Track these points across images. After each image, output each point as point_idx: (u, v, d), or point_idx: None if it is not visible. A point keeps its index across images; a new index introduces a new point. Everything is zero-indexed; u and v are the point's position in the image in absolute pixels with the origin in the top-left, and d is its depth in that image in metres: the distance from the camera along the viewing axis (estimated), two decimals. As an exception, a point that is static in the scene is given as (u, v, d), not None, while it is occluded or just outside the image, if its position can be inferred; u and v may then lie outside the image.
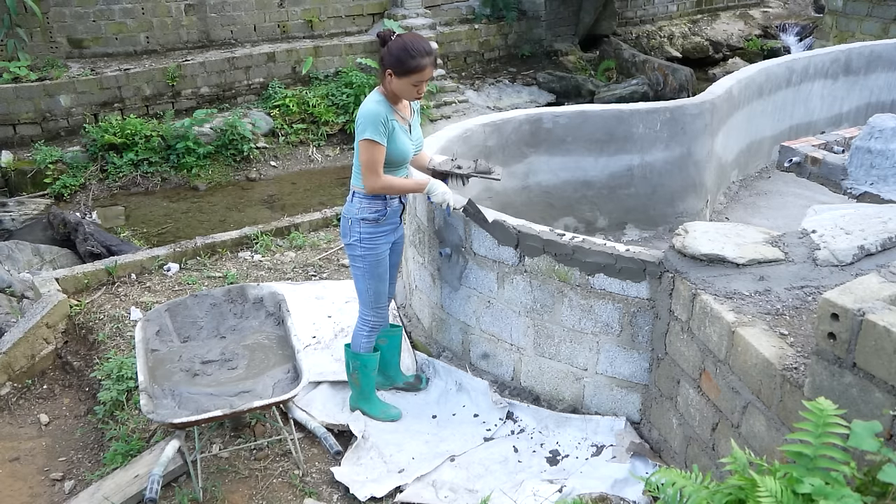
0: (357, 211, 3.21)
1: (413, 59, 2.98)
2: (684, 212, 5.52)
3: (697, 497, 1.62)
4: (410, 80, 3.02)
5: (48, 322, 4.47)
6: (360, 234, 3.24)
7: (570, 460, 3.32)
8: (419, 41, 3.03)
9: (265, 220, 7.63)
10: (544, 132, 5.20)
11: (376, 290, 3.38)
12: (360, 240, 3.25)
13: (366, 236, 3.24)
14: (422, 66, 3.00)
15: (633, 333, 3.23)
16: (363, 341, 3.48)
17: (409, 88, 3.06)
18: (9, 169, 8.86)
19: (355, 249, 3.28)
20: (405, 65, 2.98)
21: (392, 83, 3.05)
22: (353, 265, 3.37)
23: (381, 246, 3.29)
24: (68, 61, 10.22)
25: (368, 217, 3.21)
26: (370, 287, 3.36)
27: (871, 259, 2.68)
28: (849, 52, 6.97)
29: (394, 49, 3.00)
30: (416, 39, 3.04)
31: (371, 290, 3.37)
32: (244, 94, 10.97)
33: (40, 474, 3.66)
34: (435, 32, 12.54)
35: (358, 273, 3.35)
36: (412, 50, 2.99)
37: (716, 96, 5.49)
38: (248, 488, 3.27)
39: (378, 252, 3.29)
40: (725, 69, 14.27)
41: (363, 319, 3.46)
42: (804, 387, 2.17)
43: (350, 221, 3.25)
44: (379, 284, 3.37)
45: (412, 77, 3.01)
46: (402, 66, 2.99)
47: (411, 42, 3.01)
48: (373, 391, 3.63)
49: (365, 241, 3.25)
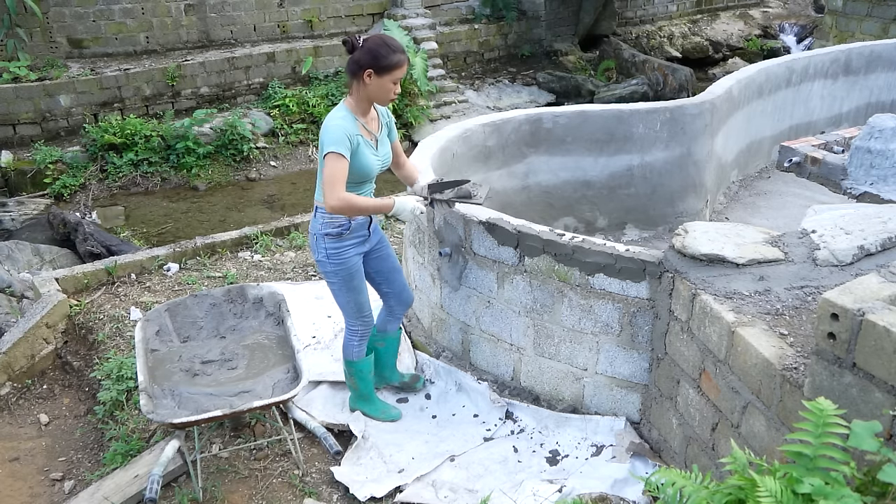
0: (320, 227, 3.14)
1: (394, 54, 2.94)
2: (684, 212, 5.52)
3: (697, 497, 1.62)
4: (391, 76, 2.97)
5: (48, 322, 4.47)
6: (326, 251, 3.17)
7: (569, 460, 3.32)
8: (389, 39, 3.00)
9: (265, 220, 7.64)
10: (544, 132, 5.20)
11: (356, 301, 3.32)
12: (327, 256, 3.18)
13: (332, 251, 3.16)
14: (402, 62, 2.97)
15: (633, 333, 3.23)
16: (354, 350, 3.45)
17: (387, 88, 3.00)
18: (9, 169, 8.86)
19: (325, 266, 3.22)
20: (386, 59, 2.93)
21: (369, 85, 2.97)
22: (327, 281, 3.30)
23: (351, 259, 3.21)
24: (68, 61, 10.22)
25: (332, 232, 3.13)
26: (350, 300, 3.31)
27: (870, 259, 2.68)
28: (849, 52, 6.97)
29: (371, 47, 2.94)
30: (386, 38, 2.99)
31: (352, 302, 3.31)
32: (244, 94, 10.97)
33: (40, 474, 3.66)
34: (435, 32, 12.55)
35: (334, 288, 3.29)
36: (391, 45, 2.96)
37: (716, 96, 5.49)
38: (247, 488, 3.27)
39: (349, 266, 3.21)
40: (725, 69, 14.28)
41: (351, 330, 3.41)
42: (804, 387, 2.17)
43: (315, 238, 3.19)
44: (358, 296, 3.31)
45: (393, 73, 2.96)
46: (382, 62, 2.93)
47: (387, 38, 2.99)
48: (372, 392, 3.63)
49: (332, 257, 3.17)
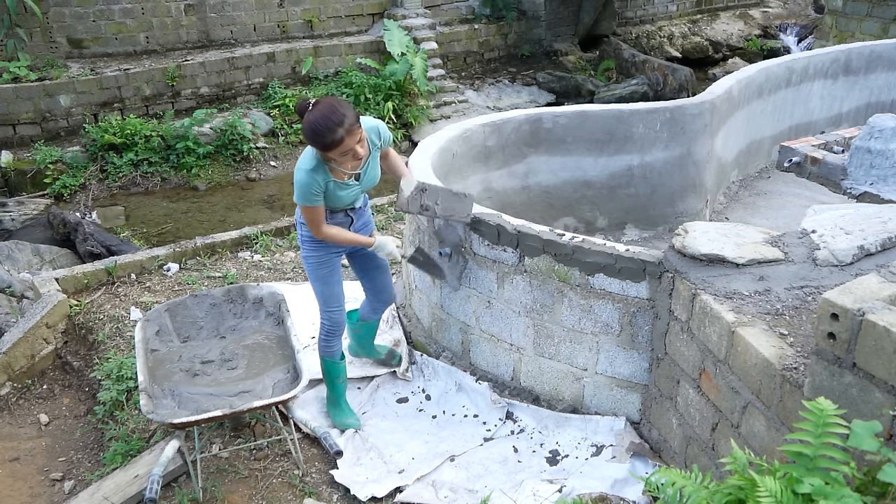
0: (300, 226, 3.29)
1: (332, 132, 2.78)
2: (684, 212, 5.52)
3: (697, 497, 1.62)
4: (338, 151, 2.84)
5: (48, 322, 4.47)
6: (302, 235, 3.29)
7: (569, 460, 3.32)
8: (329, 112, 2.79)
9: (265, 220, 7.64)
10: (544, 132, 5.20)
11: (323, 292, 3.36)
12: (302, 240, 3.29)
13: (306, 237, 3.26)
14: (338, 140, 2.80)
15: (633, 333, 3.23)
16: (321, 343, 3.48)
17: (341, 160, 2.91)
18: (9, 169, 8.86)
19: (304, 250, 3.31)
20: (327, 138, 2.80)
21: (325, 156, 2.92)
22: (308, 273, 3.38)
23: (322, 250, 3.26)
24: (68, 61, 10.22)
25: None
26: (316, 289, 3.37)
27: (870, 259, 2.68)
28: (849, 52, 6.97)
29: (305, 131, 2.84)
30: (325, 112, 2.79)
31: (320, 293, 3.36)
32: (244, 94, 10.96)
33: (40, 474, 3.66)
34: (435, 32, 12.55)
35: (309, 275, 3.36)
36: (333, 118, 2.78)
37: (715, 96, 5.49)
38: (247, 488, 3.27)
39: (319, 255, 3.27)
40: (725, 69, 14.28)
41: (321, 323, 3.44)
42: (804, 387, 2.17)
43: (299, 224, 3.30)
44: (325, 287, 3.34)
45: (335, 150, 2.84)
46: (324, 140, 2.81)
47: (319, 119, 2.79)
48: (339, 396, 3.61)
49: (306, 242, 3.27)
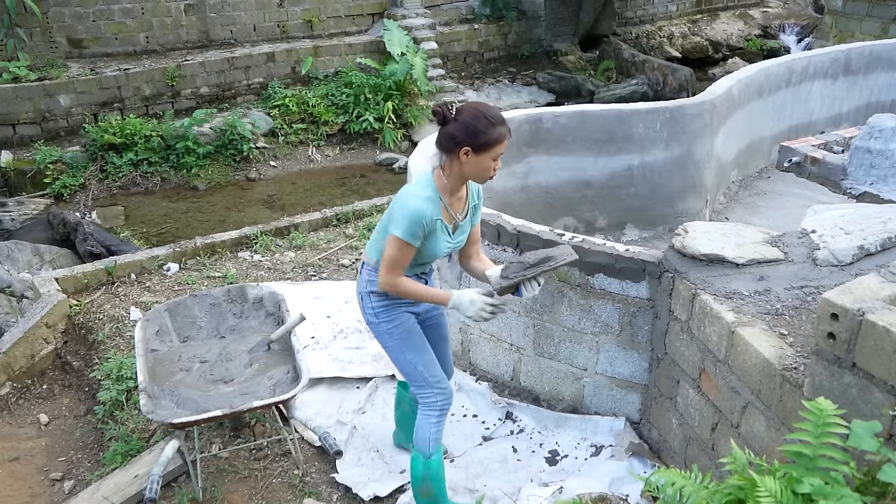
0: (365, 284, 2.80)
1: (494, 128, 2.51)
2: (684, 212, 5.52)
3: (697, 497, 1.62)
4: (491, 153, 2.53)
5: (48, 322, 4.47)
6: (373, 309, 2.80)
7: (569, 460, 3.32)
8: (486, 110, 2.56)
9: (265, 220, 7.62)
10: (544, 132, 5.19)
11: (423, 362, 2.83)
12: (375, 314, 2.80)
13: (380, 309, 2.80)
14: (503, 136, 2.54)
15: (633, 333, 3.23)
16: (432, 431, 2.84)
17: (486, 166, 2.56)
18: (8, 169, 8.85)
19: (377, 327, 2.84)
20: (486, 135, 2.50)
21: (465, 164, 2.55)
22: (384, 346, 2.89)
23: (402, 315, 2.82)
24: (68, 61, 10.22)
25: (377, 290, 2.76)
26: (413, 361, 2.83)
27: (870, 259, 2.68)
28: (848, 52, 6.97)
29: (468, 120, 2.51)
30: (482, 110, 2.55)
31: (418, 365, 2.82)
32: (244, 94, 10.96)
33: (40, 474, 3.66)
34: (435, 32, 12.54)
35: (393, 353, 2.87)
36: (490, 117, 2.52)
37: (715, 96, 5.49)
38: (247, 488, 3.27)
39: (401, 322, 2.81)
40: (725, 69, 14.27)
41: (426, 403, 2.85)
42: (804, 387, 2.17)
43: (361, 297, 2.84)
44: (422, 356, 2.84)
45: (493, 150, 2.53)
46: (481, 139, 2.50)
47: (485, 109, 2.56)
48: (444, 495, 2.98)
49: (381, 315, 2.80)
